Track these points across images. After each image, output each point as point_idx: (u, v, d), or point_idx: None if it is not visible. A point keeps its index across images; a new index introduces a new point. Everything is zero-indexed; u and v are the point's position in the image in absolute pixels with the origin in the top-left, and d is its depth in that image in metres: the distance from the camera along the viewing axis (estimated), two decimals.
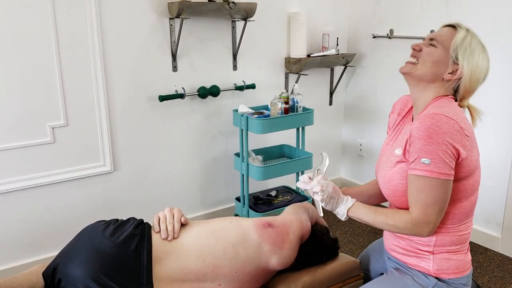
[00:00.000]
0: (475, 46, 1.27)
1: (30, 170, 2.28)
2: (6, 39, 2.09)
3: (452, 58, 1.26)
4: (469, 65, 1.26)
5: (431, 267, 1.32)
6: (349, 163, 3.56)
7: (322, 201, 1.33)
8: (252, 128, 2.56)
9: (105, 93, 2.39)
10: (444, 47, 1.27)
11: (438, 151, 1.17)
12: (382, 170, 1.40)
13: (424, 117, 1.21)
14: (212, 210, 2.98)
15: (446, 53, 1.27)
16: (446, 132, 1.18)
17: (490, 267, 2.47)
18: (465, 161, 1.22)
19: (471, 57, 1.26)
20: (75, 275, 1.22)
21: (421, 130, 1.19)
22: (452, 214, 1.28)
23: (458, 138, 1.19)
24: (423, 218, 1.22)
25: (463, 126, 1.21)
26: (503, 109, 2.48)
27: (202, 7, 2.42)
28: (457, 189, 1.26)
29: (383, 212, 1.30)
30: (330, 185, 1.34)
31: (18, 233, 2.31)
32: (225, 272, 1.34)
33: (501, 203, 2.56)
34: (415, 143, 1.21)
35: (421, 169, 1.20)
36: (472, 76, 1.27)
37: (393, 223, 1.26)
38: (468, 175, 1.26)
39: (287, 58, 3.03)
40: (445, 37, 1.28)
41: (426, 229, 1.23)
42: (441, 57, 1.28)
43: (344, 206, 1.33)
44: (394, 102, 1.52)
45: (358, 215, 1.33)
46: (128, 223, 1.39)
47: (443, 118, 1.19)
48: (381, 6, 3.07)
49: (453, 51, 1.26)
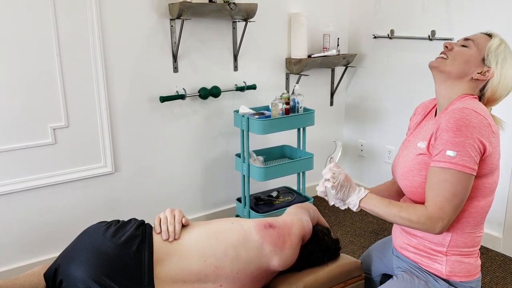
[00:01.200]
0: (508, 55, 1.29)
1: (31, 171, 2.28)
2: (7, 40, 2.09)
3: (485, 61, 1.28)
4: (501, 70, 1.28)
5: (443, 269, 1.31)
6: (350, 163, 3.56)
7: (333, 188, 1.32)
8: (253, 129, 2.56)
9: (106, 94, 2.39)
10: (478, 49, 1.29)
11: (465, 144, 1.17)
12: (402, 162, 1.39)
13: (454, 110, 1.21)
14: (213, 211, 2.98)
15: (479, 55, 1.29)
16: (475, 127, 1.18)
17: (492, 268, 2.47)
18: (489, 158, 1.23)
19: (503, 63, 1.28)
20: (76, 276, 1.22)
21: (450, 123, 1.19)
22: (468, 212, 1.28)
23: (486, 134, 1.20)
24: (439, 213, 1.20)
25: (491, 122, 1.22)
26: (506, 107, 2.48)
27: (203, 8, 2.43)
28: (476, 187, 1.25)
29: (397, 204, 1.29)
30: (342, 173, 1.34)
31: (19, 234, 2.32)
32: (226, 273, 1.34)
33: (502, 204, 2.55)
34: (442, 135, 1.21)
35: (445, 161, 1.19)
36: (501, 80, 1.28)
37: (407, 215, 1.24)
38: (489, 172, 1.26)
39: (287, 59, 3.03)
40: (480, 40, 1.31)
41: (439, 225, 1.20)
42: (472, 57, 1.29)
43: (357, 196, 1.32)
44: (416, 106, 1.53)
45: (370, 206, 1.30)
46: (129, 224, 1.39)
47: (472, 113, 1.19)
48: (382, 6, 3.07)
49: (487, 54, 1.28)
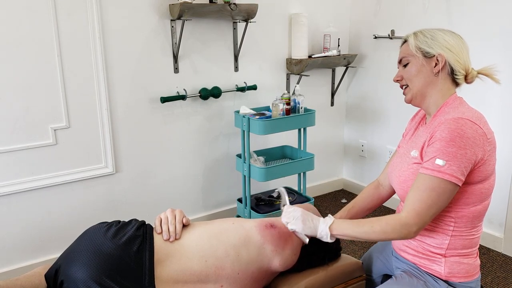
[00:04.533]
0: (430, 33, 1.31)
1: (32, 172, 2.28)
2: (9, 42, 2.10)
3: (425, 55, 1.30)
4: (441, 45, 1.29)
5: (442, 270, 1.31)
6: (351, 164, 3.56)
7: (296, 227, 1.34)
8: (254, 129, 2.56)
9: (107, 94, 2.39)
10: (412, 55, 1.32)
11: (457, 154, 1.18)
12: (397, 170, 1.40)
13: (450, 120, 1.21)
14: (214, 211, 2.98)
15: (418, 57, 1.31)
16: (470, 137, 1.18)
17: (493, 268, 2.47)
18: (484, 166, 1.23)
19: (435, 40, 1.30)
20: (77, 276, 1.22)
21: (445, 133, 1.20)
22: (466, 218, 1.28)
23: (480, 143, 1.20)
24: (415, 219, 1.20)
25: (486, 131, 1.22)
26: (507, 109, 2.48)
27: (203, 8, 2.43)
28: (473, 193, 1.26)
29: (367, 221, 1.28)
30: (297, 210, 1.37)
31: (20, 235, 2.32)
32: (227, 274, 1.34)
33: (503, 204, 2.55)
34: (435, 144, 1.21)
35: (433, 169, 1.20)
36: (451, 49, 1.29)
37: (380, 228, 1.23)
38: (485, 179, 1.26)
39: (288, 59, 3.03)
40: (405, 49, 1.35)
41: (414, 230, 1.20)
42: (418, 64, 1.32)
43: (324, 224, 1.32)
44: (418, 110, 1.53)
45: (341, 231, 1.29)
46: (130, 224, 1.39)
47: (467, 123, 1.20)
48: (382, 6, 3.07)
49: (419, 49, 1.31)
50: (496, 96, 2.48)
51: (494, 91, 2.46)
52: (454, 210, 1.27)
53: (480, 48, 2.43)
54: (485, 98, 2.50)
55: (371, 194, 1.60)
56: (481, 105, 2.58)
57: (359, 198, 1.61)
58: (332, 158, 3.54)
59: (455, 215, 1.28)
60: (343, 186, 3.65)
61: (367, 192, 1.61)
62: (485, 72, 1.32)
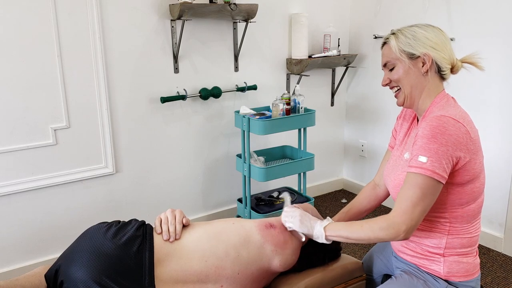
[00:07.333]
0: (411, 32, 1.30)
1: (32, 172, 2.28)
2: (9, 41, 2.10)
3: (411, 56, 1.29)
4: (424, 44, 1.28)
5: (441, 269, 1.31)
6: (351, 164, 3.56)
7: (293, 225, 1.37)
8: (254, 129, 2.56)
9: (107, 95, 2.39)
10: (397, 58, 1.31)
11: (438, 151, 1.17)
12: (392, 173, 1.40)
13: (432, 118, 1.21)
14: (214, 211, 2.98)
15: (402, 60, 1.31)
16: (452, 134, 1.18)
17: (493, 268, 2.47)
18: (469, 164, 1.22)
19: (418, 40, 1.28)
20: (77, 276, 1.22)
21: (427, 130, 1.20)
22: (461, 217, 1.28)
23: (463, 141, 1.19)
24: (402, 218, 1.19)
25: (469, 129, 1.22)
26: (507, 109, 2.48)
27: (204, 8, 2.43)
28: (465, 193, 1.26)
29: (359, 221, 1.29)
30: (297, 210, 1.39)
31: (20, 235, 2.32)
32: (227, 274, 1.34)
33: (503, 204, 2.55)
34: (418, 142, 1.21)
35: (416, 166, 1.20)
36: (435, 47, 1.28)
37: (369, 227, 1.23)
38: (474, 178, 1.26)
39: (288, 59, 3.03)
40: (389, 53, 1.34)
41: (403, 229, 1.18)
42: (405, 68, 1.31)
43: (320, 225, 1.33)
44: (403, 109, 1.54)
45: (336, 233, 1.30)
46: (130, 224, 1.39)
47: (450, 121, 1.19)
48: (382, 6, 3.07)
49: (403, 51, 1.30)
50: (496, 96, 2.48)
51: (494, 91, 2.46)
52: (449, 211, 1.28)
53: (480, 48, 2.43)
54: (485, 98, 2.50)
55: (368, 195, 1.60)
56: (481, 105, 2.59)
57: (356, 200, 1.62)
58: (332, 158, 3.54)
59: (449, 215, 1.28)
60: (343, 186, 3.65)
61: (364, 193, 1.62)
62: (469, 61, 1.32)
